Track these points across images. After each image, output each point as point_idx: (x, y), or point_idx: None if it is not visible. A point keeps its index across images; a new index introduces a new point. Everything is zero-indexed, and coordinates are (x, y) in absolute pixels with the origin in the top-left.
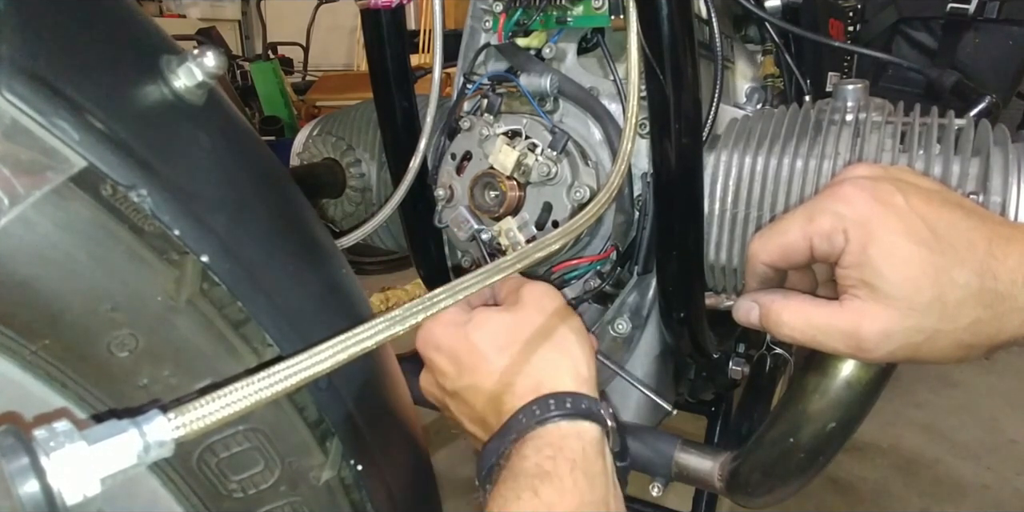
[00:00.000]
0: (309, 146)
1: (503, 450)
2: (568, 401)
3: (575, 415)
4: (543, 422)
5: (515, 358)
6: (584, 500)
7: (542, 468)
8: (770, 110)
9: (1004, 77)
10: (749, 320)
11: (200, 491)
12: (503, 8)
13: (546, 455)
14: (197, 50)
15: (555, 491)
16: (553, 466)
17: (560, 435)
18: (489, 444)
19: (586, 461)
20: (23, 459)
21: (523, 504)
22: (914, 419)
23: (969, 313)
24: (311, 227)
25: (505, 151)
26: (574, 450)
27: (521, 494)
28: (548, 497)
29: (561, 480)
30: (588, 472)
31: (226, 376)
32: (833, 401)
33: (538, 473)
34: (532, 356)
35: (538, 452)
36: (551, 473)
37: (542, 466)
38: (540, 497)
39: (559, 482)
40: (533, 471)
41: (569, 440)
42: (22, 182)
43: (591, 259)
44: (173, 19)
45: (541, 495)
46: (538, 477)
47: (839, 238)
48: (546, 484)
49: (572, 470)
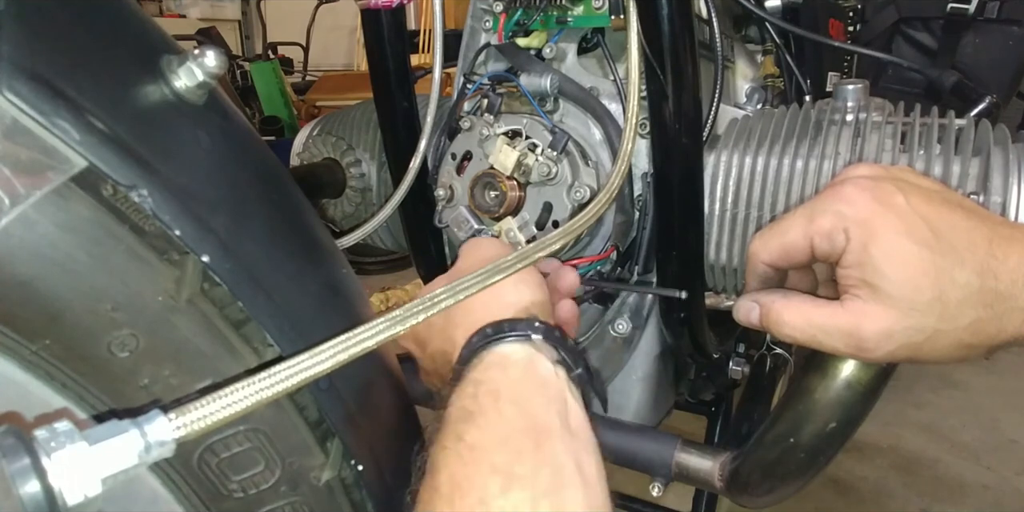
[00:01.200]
0: (309, 146)
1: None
2: (487, 330)
3: (490, 342)
4: (467, 361)
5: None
6: (512, 428)
7: (465, 409)
8: (770, 110)
9: (1004, 77)
10: (749, 320)
11: (201, 491)
12: (503, 8)
13: (468, 394)
14: (197, 50)
15: (478, 428)
16: (475, 404)
17: (482, 368)
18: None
19: (511, 388)
20: (24, 459)
21: (448, 452)
22: (914, 419)
23: (970, 313)
24: (311, 227)
25: (505, 151)
26: (495, 380)
27: (446, 444)
28: (471, 437)
29: (484, 415)
30: (516, 398)
31: (227, 376)
32: (833, 401)
33: (461, 416)
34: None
35: (461, 394)
36: (474, 411)
37: (465, 407)
38: (463, 439)
39: (482, 418)
40: (456, 415)
41: (490, 371)
42: (23, 182)
43: (591, 259)
44: (173, 19)
45: (464, 437)
46: (461, 419)
47: (840, 238)
48: (468, 424)
49: (496, 401)
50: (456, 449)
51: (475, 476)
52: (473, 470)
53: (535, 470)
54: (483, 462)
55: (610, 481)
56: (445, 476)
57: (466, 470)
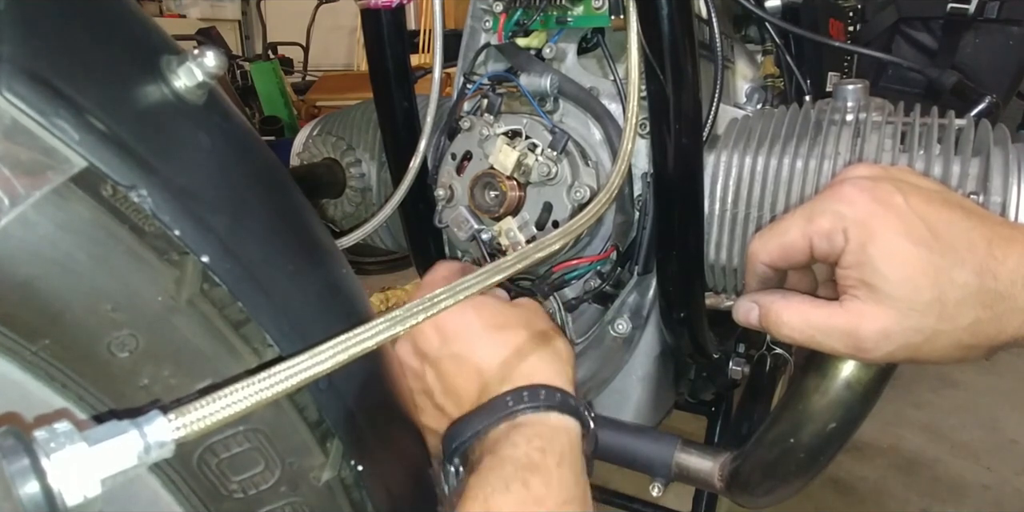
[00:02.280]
0: (309, 146)
1: (482, 429)
2: (558, 396)
3: (565, 410)
4: (535, 410)
5: (511, 342)
6: (569, 495)
7: (532, 459)
8: (770, 110)
9: (1004, 77)
10: (749, 320)
11: (200, 492)
12: (503, 8)
13: (536, 446)
14: (197, 50)
15: (543, 484)
16: (542, 459)
17: (551, 427)
18: (467, 419)
19: (572, 457)
20: (24, 460)
21: (512, 495)
22: (914, 419)
23: (969, 313)
24: (311, 227)
25: (505, 151)
26: (563, 444)
27: (511, 484)
28: (537, 490)
29: (550, 473)
30: (573, 468)
31: (226, 376)
32: (833, 401)
33: (528, 464)
34: (528, 346)
35: (528, 442)
36: (540, 466)
37: (532, 457)
38: (530, 489)
39: (547, 475)
40: (523, 461)
41: (559, 434)
42: (22, 182)
43: (591, 259)
44: (173, 19)
45: (531, 487)
46: (527, 469)
47: (839, 238)
48: (535, 476)
49: (559, 465)
50: (522, 496)
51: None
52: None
53: None
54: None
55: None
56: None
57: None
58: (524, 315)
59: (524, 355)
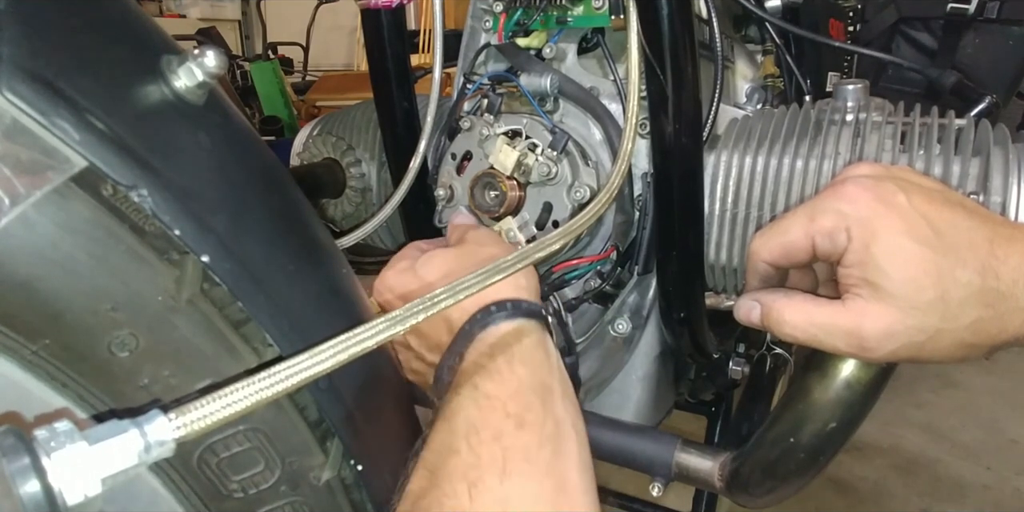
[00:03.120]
0: (309, 146)
1: (452, 362)
2: (508, 304)
3: (513, 315)
4: (484, 326)
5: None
6: (523, 384)
7: (480, 364)
8: (770, 110)
9: (1004, 77)
10: (750, 319)
11: (201, 491)
12: (503, 8)
13: (483, 352)
14: (197, 50)
15: (493, 382)
16: (491, 362)
17: (499, 335)
18: (441, 361)
19: (525, 354)
20: (24, 459)
21: (463, 397)
22: (914, 419)
23: (971, 312)
24: (311, 227)
25: (505, 151)
26: (511, 345)
27: (461, 390)
28: (486, 387)
29: (499, 372)
30: (527, 362)
31: (226, 376)
32: (833, 401)
33: (477, 369)
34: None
35: (478, 353)
36: (487, 367)
37: (479, 362)
38: (479, 388)
39: (497, 374)
40: (471, 369)
41: (507, 338)
42: (23, 182)
43: (591, 259)
44: (173, 19)
45: (480, 386)
46: (477, 373)
47: (841, 237)
48: (483, 377)
49: (510, 362)
50: (472, 396)
51: (490, 418)
52: (488, 414)
53: (542, 419)
54: (498, 408)
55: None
56: (461, 418)
57: (482, 414)
58: (468, 251)
59: None
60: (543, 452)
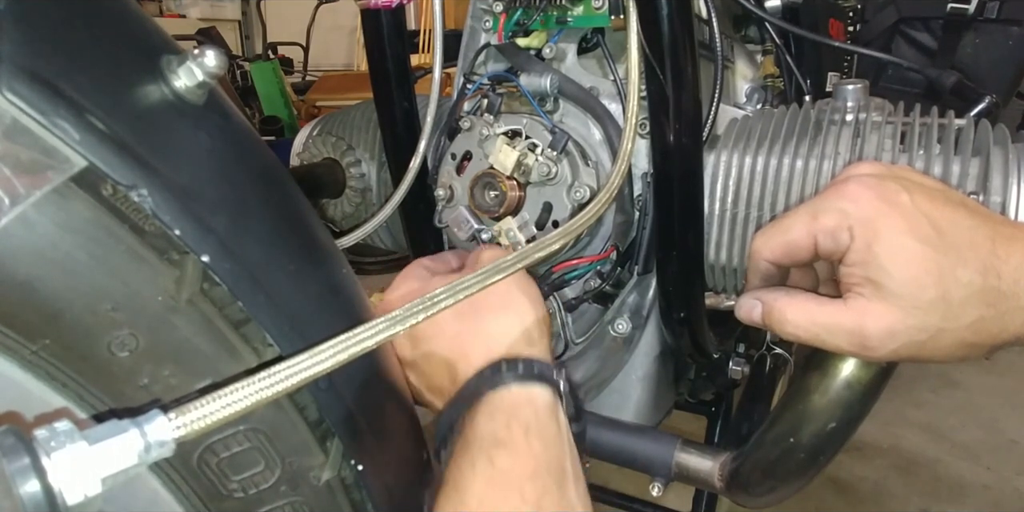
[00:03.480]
0: (309, 146)
1: (456, 417)
2: (520, 365)
3: (525, 378)
4: (495, 387)
5: (468, 323)
6: (539, 463)
7: (496, 435)
8: (770, 110)
9: (1004, 77)
10: (752, 318)
11: (200, 491)
12: (503, 8)
13: (500, 422)
14: (197, 50)
15: (510, 457)
16: (508, 434)
17: (512, 401)
18: (444, 412)
19: (540, 425)
20: (24, 459)
21: (478, 473)
22: (914, 419)
23: (972, 312)
24: (311, 227)
25: (505, 151)
26: (527, 415)
27: (476, 463)
28: (502, 463)
29: (516, 446)
30: (542, 436)
31: (226, 376)
32: (833, 401)
33: (493, 441)
34: (485, 321)
35: (492, 419)
36: (504, 440)
37: (496, 434)
38: (495, 465)
39: (514, 448)
40: (488, 439)
41: (521, 406)
42: (23, 182)
43: (591, 259)
44: (173, 19)
45: (496, 463)
46: (493, 445)
47: (844, 236)
48: (500, 451)
49: (526, 435)
50: (487, 472)
51: (505, 502)
52: (503, 496)
53: (558, 507)
54: (514, 490)
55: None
56: (473, 496)
57: (495, 494)
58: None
59: (481, 332)
60: None
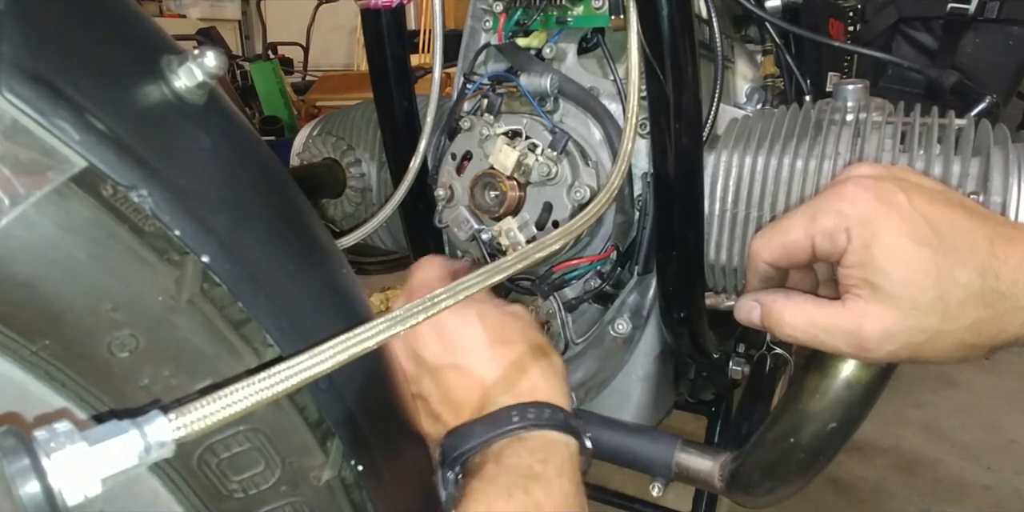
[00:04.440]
0: (309, 146)
1: (486, 440)
2: (561, 415)
3: (565, 429)
4: (538, 427)
5: (513, 356)
6: (568, 504)
7: (533, 469)
8: (770, 110)
9: (1004, 77)
10: (750, 319)
11: (201, 491)
12: (503, 8)
13: (539, 458)
14: (197, 50)
15: (544, 493)
16: (544, 469)
17: (552, 442)
18: (469, 428)
19: (571, 470)
20: (24, 460)
21: (514, 502)
22: (914, 419)
23: (971, 313)
24: (311, 227)
25: (505, 151)
26: (563, 457)
27: (513, 492)
28: (537, 497)
29: (549, 483)
30: (572, 480)
31: (227, 376)
32: (833, 401)
33: (530, 474)
34: (528, 361)
35: (531, 454)
36: (541, 475)
37: (533, 468)
38: (530, 496)
39: (548, 485)
40: (525, 471)
41: (559, 448)
42: (22, 182)
43: (591, 259)
44: (173, 19)
45: (532, 494)
46: (529, 477)
47: (841, 237)
48: (536, 484)
49: (559, 475)
50: (523, 502)
51: None
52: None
53: None
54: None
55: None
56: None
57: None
58: (522, 328)
59: (525, 370)
60: None
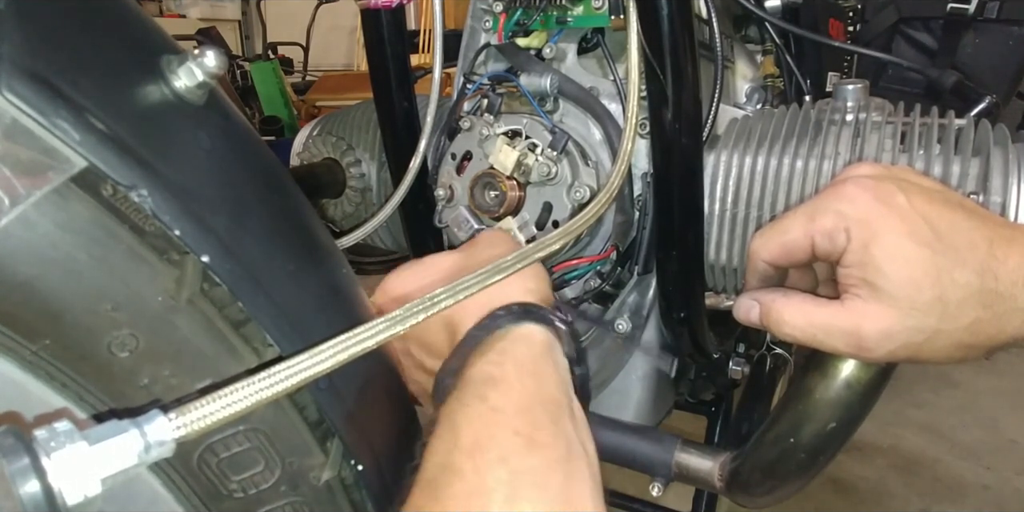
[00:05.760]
0: (309, 146)
1: (454, 366)
2: (515, 307)
3: (520, 318)
4: (490, 331)
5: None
6: (532, 400)
7: (488, 373)
8: (770, 110)
9: (1004, 77)
10: (749, 319)
11: (200, 491)
12: (503, 8)
13: (491, 361)
14: (197, 50)
15: (502, 394)
16: (499, 370)
17: (508, 340)
18: (443, 366)
19: (534, 363)
20: (24, 459)
21: (470, 409)
22: (914, 419)
23: (969, 313)
24: (311, 227)
25: (505, 151)
26: (521, 353)
27: (468, 401)
28: (494, 401)
29: (508, 383)
30: (536, 373)
31: (226, 376)
32: (833, 401)
33: (484, 379)
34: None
35: (484, 359)
36: (496, 377)
37: (488, 371)
38: (487, 401)
39: (506, 385)
40: (479, 377)
41: (516, 343)
42: (23, 182)
43: (591, 259)
44: (173, 19)
45: (487, 399)
46: (483, 383)
47: (841, 237)
48: (491, 388)
49: (518, 372)
50: (479, 409)
51: (498, 436)
52: (496, 431)
53: (552, 439)
54: (506, 425)
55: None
56: (467, 433)
57: (489, 430)
58: (475, 254)
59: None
60: (554, 477)
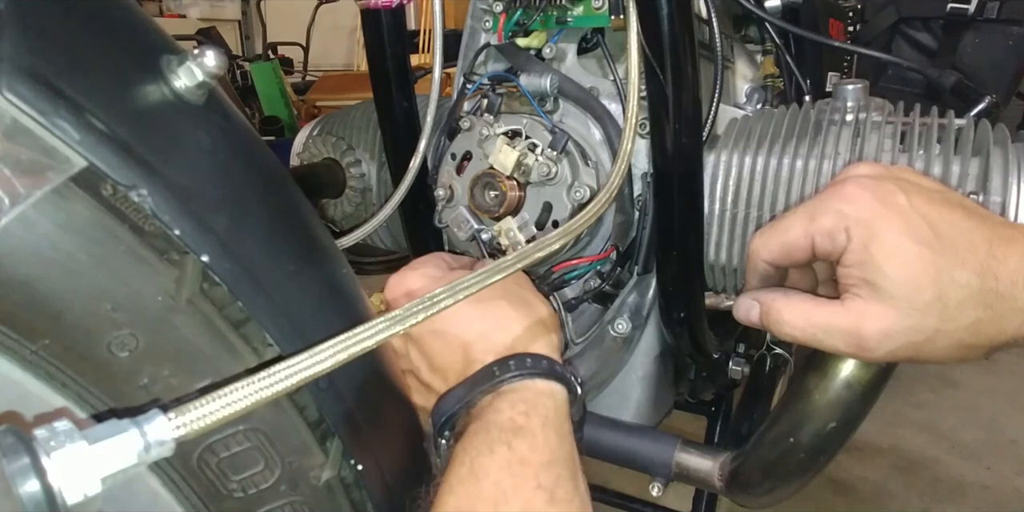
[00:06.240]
0: (309, 146)
1: (469, 399)
2: (544, 362)
3: (550, 376)
4: (520, 377)
5: (492, 313)
6: (555, 455)
7: (515, 423)
8: (770, 110)
9: (1004, 77)
10: (749, 318)
11: (200, 491)
12: (503, 8)
13: (520, 411)
14: (197, 50)
15: (528, 445)
16: (527, 421)
17: (535, 392)
18: (453, 392)
19: (557, 420)
20: (24, 459)
21: (497, 457)
22: (914, 419)
23: (969, 313)
24: (311, 227)
25: (505, 151)
26: (547, 408)
27: (495, 447)
28: (521, 451)
29: (534, 435)
30: (558, 430)
31: (226, 376)
32: (833, 401)
33: (512, 427)
34: (509, 316)
35: (512, 407)
36: (524, 428)
37: (516, 421)
38: (513, 451)
39: (531, 437)
40: (507, 425)
41: (543, 398)
42: (22, 182)
43: (591, 259)
44: (173, 19)
45: (514, 449)
46: (512, 431)
47: (841, 237)
48: (519, 438)
49: (544, 427)
50: (506, 457)
51: (521, 488)
52: (520, 482)
53: (570, 496)
54: (530, 477)
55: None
56: (491, 481)
57: (514, 481)
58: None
59: (506, 325)
60: None
